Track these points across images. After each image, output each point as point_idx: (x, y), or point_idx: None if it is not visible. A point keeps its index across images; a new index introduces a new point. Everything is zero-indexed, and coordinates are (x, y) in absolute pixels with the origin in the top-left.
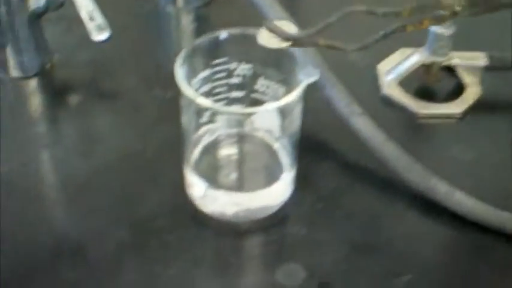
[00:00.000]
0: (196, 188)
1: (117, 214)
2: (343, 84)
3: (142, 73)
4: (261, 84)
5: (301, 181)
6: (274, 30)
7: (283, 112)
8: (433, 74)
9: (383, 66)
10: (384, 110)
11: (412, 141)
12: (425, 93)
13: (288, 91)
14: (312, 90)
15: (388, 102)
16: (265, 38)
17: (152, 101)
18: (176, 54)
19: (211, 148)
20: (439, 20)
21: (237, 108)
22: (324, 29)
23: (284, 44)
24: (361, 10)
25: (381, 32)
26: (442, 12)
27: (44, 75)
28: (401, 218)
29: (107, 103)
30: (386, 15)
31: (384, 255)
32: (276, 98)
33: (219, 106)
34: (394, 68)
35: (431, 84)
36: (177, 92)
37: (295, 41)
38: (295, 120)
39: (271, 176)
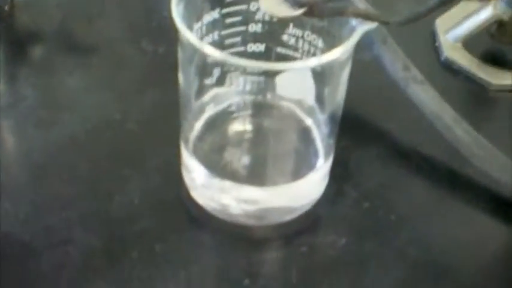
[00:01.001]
0: (196, 176)
1: (84, 210)
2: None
3: (127, 20)
4: (290, 34)
5: (340, 172)
6: None
7: (323, 75)
8: (509, 34)
9: (443, 23)
10: (445, 78)
11: (481, 120)
12: (498, 59)
13: (330, 46)
14: (355, 49)
15: (450, 69)
16: (271, 3)
17: (138, 57)
18: None
19: (218, 122)
20: None
21: (257, 63)
22: None
23: (295, 12)
24: None
25: None
26: None
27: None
28: (472, 222)
29: (79, 57)
30: None
31: (456, 276)
32: (312, 55)
33: (233, 58)
34: (458, 25)
35: (506, 47)
36: (171, 45)
37: (311, 8)
38: (339, 89)
39: (300, 164)
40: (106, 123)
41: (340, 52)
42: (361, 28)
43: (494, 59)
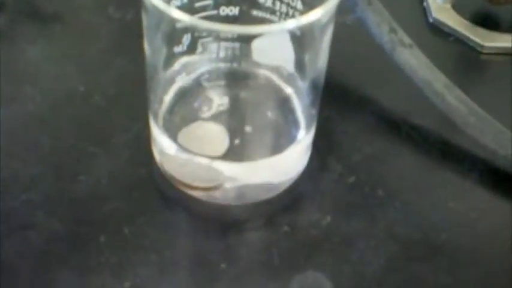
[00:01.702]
0: (167, 152)
1: (46, 191)
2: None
3: None
4: None
5: (323, 145)
6: None
7: (303, 40)
8: None
9: None
10: (433, 41)
11: (473, 85)
12: (489, 21)
13: (310, 8)
14: (337, 11)
15: (439, 31)
16: None
17: (105, 24)
18: None
19: (190, 93)
20: None
21: (231, 27)
22: None
23: None
24: None
25: None
26: None
27: None
28: (466, 196)
29: (41, 26)
30: None
31: (448, 258)
32: (291, 18)
33: (204, 22)
34: None
35: (497, 7)
36: (140, 12)
37: None
38: (321, 54)
39: (280, 137)
40: (70, 96)
41: (320, 13)
42: None
43: (485, 21)
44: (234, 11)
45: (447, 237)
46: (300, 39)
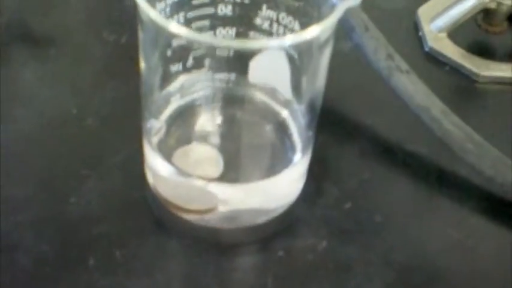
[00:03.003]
0: (160, 174)
1: (35, 212)
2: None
3: (87, 7)
4: (264, 17)
5: (319, 170)
6: None
7: (300, 59)
8: (496, 23)
9: (425, 11)
10: (430, 70)
11: (469, 113)
12: (485, 49)
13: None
14: (335, 37)
15: (435, 60)
16: None
17: (98, 47)
18: None
19: (185, 114)
20: None
21: (227, 42)
22: None
23: None
24: None
25: None
26: None
27: None
28: (463, 223)
29: (34, 48)
30: None
31: (446, 285)
32: None
33: (201, 35)
34: (442, 14)
35: (493, 36)
36: (134, 35)
37: None
38: (319, 75)
39: (275, 159)
40: (62, 118)
41: (319, 30)
42: (342, 4)
43: (481, 50)
44: (230, 32)
45: (445, 264)
46: (297, 60)
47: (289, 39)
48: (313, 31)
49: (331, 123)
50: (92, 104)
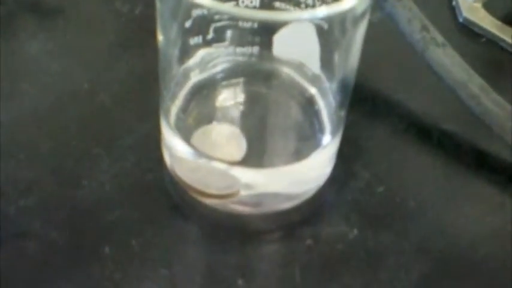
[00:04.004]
0: (179, 155)
1: (45, 197)
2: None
3: None
4: None
5: (349, 151)
6: None
7: (331, 33)
8: None
9: None
10: (464, 41)
11: (506, 88)
12: None
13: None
14: None
15: (469, 31)
16: None
17: (111, 18)
18: None
19: (205, 90)
20: None
21: (251, 12)
22: None
23: None
24: None
25: None
26: None
27: None
28: (504, 208)
29: (42, 19)
30: None
31: (487, 276)
32: None
33: (224, 6)
34: None
35: None
36: (149, 5)
37: None
38: (352, 52)
39: (303, 142)
40: (73, 94)
41: (355, 0)
42: None
43: None
44: (254, 2)
45: (485, 253)
46: (328, 33)
47: (323, 11)
48: (350, 2)
49: (361, 101)
50: (105, 79)
